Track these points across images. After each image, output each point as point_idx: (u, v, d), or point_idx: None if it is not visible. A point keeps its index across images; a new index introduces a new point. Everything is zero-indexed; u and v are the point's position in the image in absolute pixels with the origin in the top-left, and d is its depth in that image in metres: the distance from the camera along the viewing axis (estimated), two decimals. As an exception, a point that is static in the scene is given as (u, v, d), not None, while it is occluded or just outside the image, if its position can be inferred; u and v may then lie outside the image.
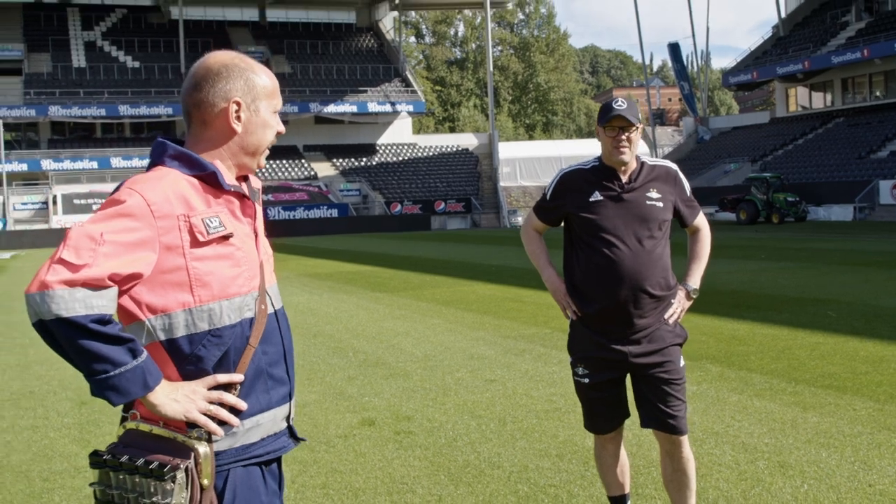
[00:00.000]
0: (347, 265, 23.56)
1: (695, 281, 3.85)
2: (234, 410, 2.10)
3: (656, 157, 62.64)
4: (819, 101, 57.62)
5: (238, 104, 2.18)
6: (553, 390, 7.20)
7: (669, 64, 76.08)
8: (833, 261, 18.93)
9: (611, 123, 3.65)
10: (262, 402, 2.15)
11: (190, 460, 1.99)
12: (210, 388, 2.07)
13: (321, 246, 35.37)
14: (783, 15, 60.97)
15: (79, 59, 67.49)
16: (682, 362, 3.77)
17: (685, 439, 3.76)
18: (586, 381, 3.77)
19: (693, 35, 69.20)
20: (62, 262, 1.93)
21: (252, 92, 2.20)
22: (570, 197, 3.76)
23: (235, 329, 2.10)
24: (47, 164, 59.44)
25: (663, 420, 3.70)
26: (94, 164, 60.46)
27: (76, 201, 56.63)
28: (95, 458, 2.07)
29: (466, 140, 72.09)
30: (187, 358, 2.08)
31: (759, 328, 10.04)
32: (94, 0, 71.20)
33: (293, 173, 62.82)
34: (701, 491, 4.65)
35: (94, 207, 55.97)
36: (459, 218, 56.86)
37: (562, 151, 69.54)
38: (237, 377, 2.09)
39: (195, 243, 2.06)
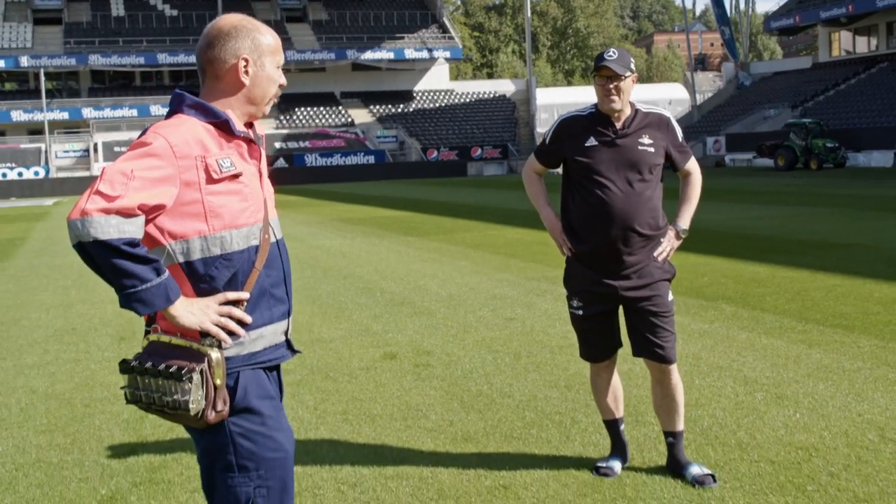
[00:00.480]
0: (382, 210, 23.90)
1: (684, 221, 4.08)
2: (242, 324, 2.42)
3: (696, 103, 62.08)
4: (863, 45, 56.46)
5: (246, 60, 2.48)
6: (569, 328, 7.34)
7: (711, 9, 74.76)
8: (866, 206, 18.89)
9: (600, 73, 3.86)
10: (265, 317, 2.48)
11: (204, 364, 2.33)
12: (221, 304, 2.40)
13: (357, 192, 35.75)
14: (828, -44, 59.53)
15: (118, 7, 67.84)
16: (671, 296, 4.02)
17: (673, 367, 4.03)
18: (580, 312, 4.05)
19: (736, -23, 67.66)
20: (99, 193, 2.25)
21: (258, 49, 2.50)
22: (567, 142, 3.99)
23: (243, 254, 2.43)
24: (88, 113, 60.23)
25: (652, 350, 3.97)
26: (134, 112, 61.14)
27: (116, 149, 57.39)
28: (124, 366, 2.45)
29: (504, 86, 71.75)
30: (202, 278, 2.40)
31: (779, 271, 10.20)
32: (134, -52, 71.29)
33: (330, 120, 63.09)
34: (697, 419, 4.93)
35: (135, 155, 56.80)
36: (496, 164, 56.91)
37: (600, 98, 68.91)
38: (244, 295, 2.42)
39: (210, 180, 2.37)
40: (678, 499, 3.86)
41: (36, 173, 55.01)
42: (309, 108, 64.80)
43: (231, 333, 2.40)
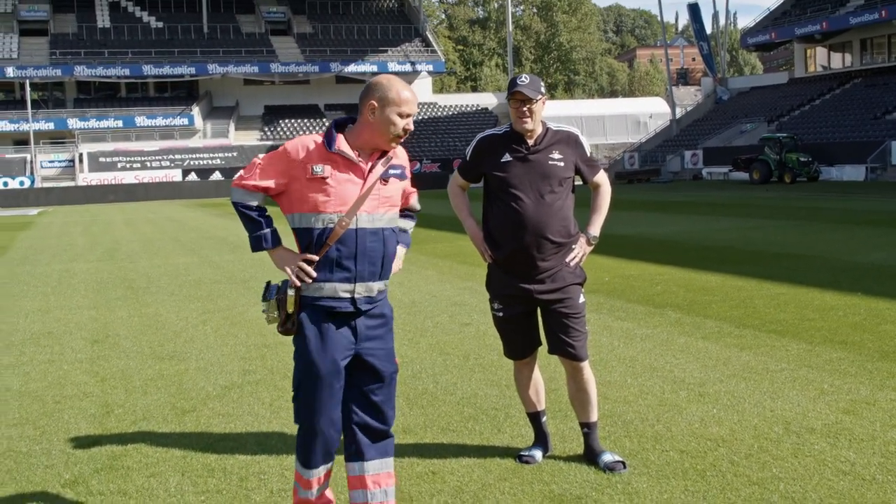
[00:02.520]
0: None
1: (595, 229, 4.50)
2: (311, 276, 3.51)
3: (675, 116, 62.80)
4: (837, 61, 57.40)
5: (373, 105, 3.50)
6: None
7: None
8: (830, 219, 19.39)
9: (514, 97, 4.28)
10: (326, 276, 3.51)
11: (281, 295, 3.52)
12: (301, 260, 3.51)
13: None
14: (805, -26, 60.48)
15: (103, 19, 68.11)
16: (582, 299, 4.43)
17: (585, 364, 4.44)
18: (501, 314, 4.47)
19: (715, -6, 68.54)
20: (240, 174, 3.60)
21: (384, 99, 3.49)
22: (485, 158, 4.42)
23: (320, 231, 3.48)
24: (73, 123, 60.44)
25: (564, 348, 4.39)
26: (119, 123, 61.40)
27: (101, 159, 57.61)
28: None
29: (486, 99, 72.39)
30: (299, 239, 3.57)
31: (729, 280, 10.65)
32: (119, -40, 71.63)
33: (315, 131, 63.19)
34: (621, 413, 5.34)
35: (119, 165, 57.05)
36: (477, 177, 57.28)
37: (583, 111, 69.63)
38: (312, 257, 3.49)
39: (307, 178, 3.46)
40: (589, 483, 4.26)
41: (21, 183, 55.14)
42: (293, 120, 65.22)
43: (301, 279, 3.50)
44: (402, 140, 3.59)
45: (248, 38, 68.46)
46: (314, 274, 3.47)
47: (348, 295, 3.50)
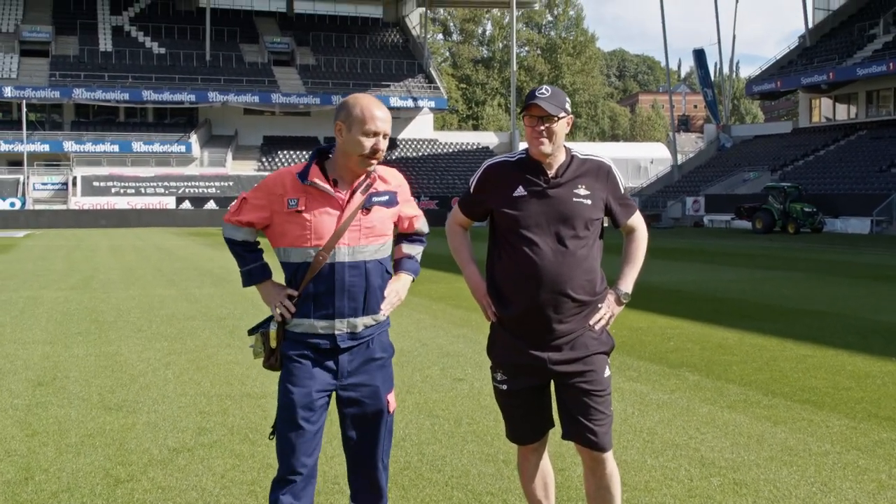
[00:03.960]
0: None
1: (626, 285, 3.60)
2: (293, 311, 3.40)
3: (677, 161, 62.21)
4: (843, 112, 56.94)
5: (340, 126, 3.35)
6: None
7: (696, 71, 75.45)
8: (840, 272, 18.57)
9: (529, 112, 3.41)
10: (304, 311, 3.36)
11: (264, 329, 3.43)
12: (286, 295, 3.38)
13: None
14: (810, 26, 60.23)
15: (106, 43, 67.76)
16: (608, 372, 3.52)
17: (608, 455, 3.50)
18: (504, 387, 3.54)
19: (719, 42, 68.40)
20: (230, 208, 3.47)
21: (349, 119, 3.32)
22: (493, 191, 3.52)
23: (298, 265, 3.35)
24: (69, 146, 59.71)
25: (583, 434, 3.46)
26: (116, 148, 60.66)
27: (95, 183, 56.84)
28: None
29: (487, 138, 71.89)
30: (284, 272, 3.42)
31: (748, 337, 9.75)
32: (124, -15, 71.54)
33: (311, 165, 62.71)
34: (644, 506, 4.41)
35: (113, 190, 56.27)
36: (475, 216, 56.55)
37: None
38: (293, 292, 3.37)
39: (284, 211, 3.33)
40: None
41: (12, 204, 54.23)
42: (292, 152, 64.56)
43: (283, 315, 3.39)
44: (373, 162, 3.34)
45: (251, 67, 68.02)
46: (293, 309, 3.37)
47: (327, 332, 3.35)
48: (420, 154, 66.99)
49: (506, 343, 3.50)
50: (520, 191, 3.43)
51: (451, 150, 68.48)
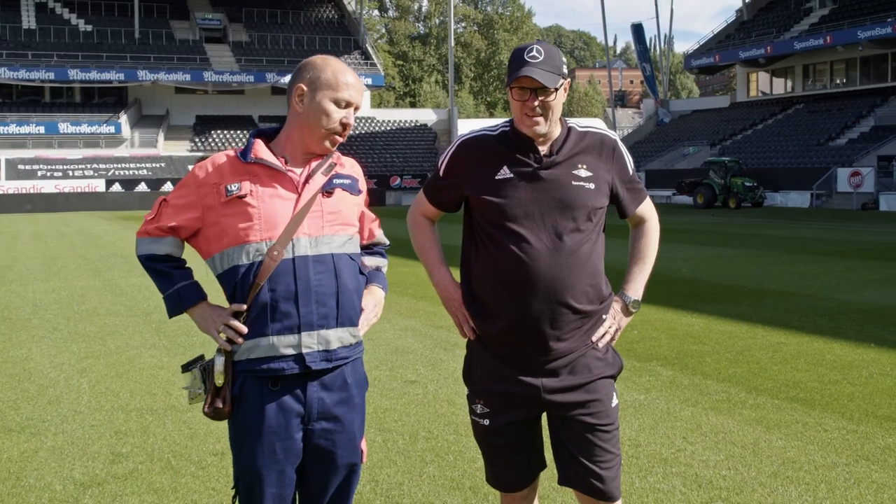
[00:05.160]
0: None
1: (635, 290, 2.88)
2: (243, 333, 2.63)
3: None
4: (780, 86, 57.25)
5: (302, 90, 2.69)
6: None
7: (632, 46, 75.40)
8: (790, 248, 18.27)
9: (520, 83, 2.66)
10: (259, 328, 2.60)
11: (204, 362, 2.66)
12: (230, 314, 2.62)
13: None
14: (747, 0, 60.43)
15: (29, 20, 65.11)
16: (615, 401, 2.81)
17: (617, 505, 2.80)
18: (486, 422, 2.80)
19: (657, 17, 68.38)
20: (144, 220, 2.77)
21: (315, 82, 2.68)
22: (469, 172, 2.77)
23: (244, 269, 2.61)
24: (-9, 128, 57.26)
25: (586, 479, 2.74)
26: (42, 129, 58.38)
27: (21, 167, 54.61)
28: None
29: (425, 115, 70.96)
30: (225, 288, 2.68)
31: (715, 323, 9.18)
32: (47, -39, 68.89)
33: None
34: (641, 544, 3.72)
35: (40, 173, 54.18)
36: (414, 193, 55.59)
37: (522, 130, 68.60)
38: (241, 307, 2.61)
39: (223, 203, 2.63)
40: None
41: (-72, 190, 51.85)
42: (225, 131, 62.88)
43: (231, 341, 2.63)
44: (340, 139, 2.70)
45: (182, 44, 65.96)
46: (244, 329, 2.62)
47: (293, 351, 2.61)
48: (357, 132, 65.76)
49: (487, 367, 2.76)
50: (504, 172, 2.69)
51: (389, 128, 67.38)
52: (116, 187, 54.22)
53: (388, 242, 3.03)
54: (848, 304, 10.45)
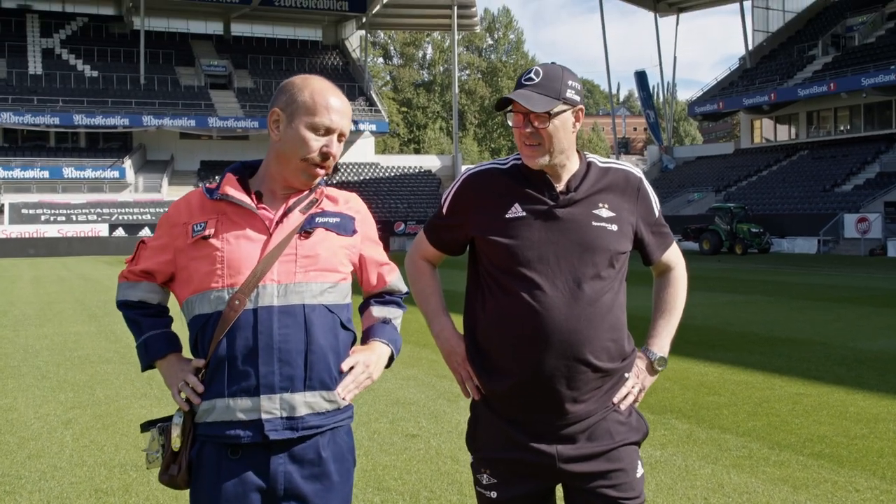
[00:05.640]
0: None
1: (661, 346, 2.58)
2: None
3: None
4: (784, 133, 57.26)
5: (277, 115, 2.40)
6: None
7: (636, 94, 75.74)
8: (800, 295, 17.92)
9: (515, 108, 2.38)
10: (218, 389, 2.30)
11: (164, 423, 2.36)
12: (189, 370, 2.35)
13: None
14: (750, 47, 60.66)
15: (35, 65, 65.64)
16: (640, 470, 2.48)
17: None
18: (493, 494, 2.46)
19: (660, 65, 68.65)
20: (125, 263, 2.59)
21: (292, 105, 2.37)
22: (475, 210, 2.48)
23: (207, 319, 2.32)
24: (-3, 172, 57.36)
25: (610, 562, 2.40)
26: (46, 174, 58.46)
27: (24, 211, 54.57)
28: None
29: (429, 162, 71.10)
30: (191, 338, 2.39)
31: (730, 373, 8.81)
32: (55, 7, 69.60)
33: (250, 190, 61.22)
34: None
35: (43, 217, 54.12)
36: (419, 240, 55.65)
37: (526, 176, 68.61)
38: (200, 362, 2.34)
39: (190, 244, 2.36)
40: None
41: (-65, 233, 51.74)
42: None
43: (189, 400, 2.34)
44: (320, 173, 2.38)
45: (187, 90, 66.33)
46: (200, 388, 2.32)
47: (249, 416, 2.27)
48: (362, 178, 65.82)
49: (495, 431, 2.44)
50: (515, 210, 2.39)
51: (393, 174, 67.46)
52: (120, 232, 54.12)
53: (405, 290, 2.66)
54: (865, 352, 10.10)
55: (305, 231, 2.36)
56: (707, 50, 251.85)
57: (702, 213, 45.98)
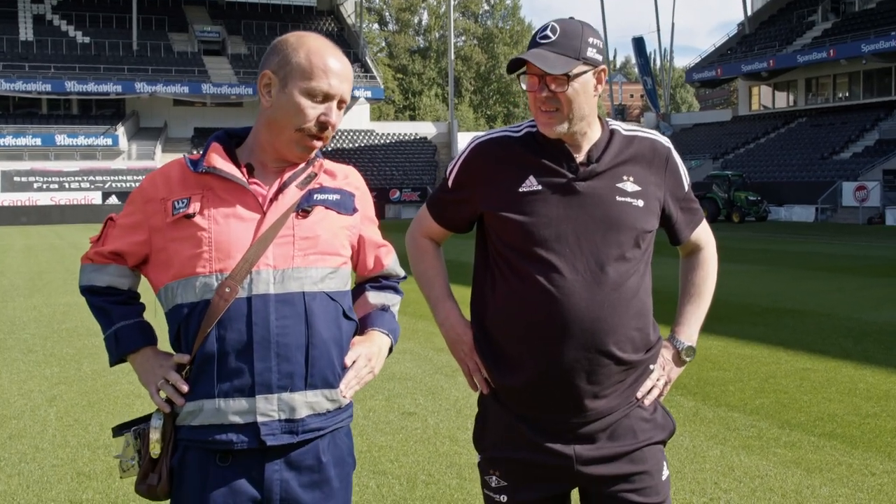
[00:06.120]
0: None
1: (689, 335, 2.35)
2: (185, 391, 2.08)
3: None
4: (782, 100, 56.82)
5: (268, 78, 2.12)
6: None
7: (632, 60, 75.15)
8: (800, 264, 17.72)
9: (529, 69, 2.11)
10: (206, 388, 2.04)
11: (140, 426, 2.08)
12: (169, 366, 2.09)
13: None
14: (749, 13, 60.03)
15: (26, 32, 64.81)
16: (666, 472, 2.26)
17: None
18: (503, 498, 2.23)
19: (658, 31, 67.99)
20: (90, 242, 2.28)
21: (285, 67, 2.09)
22: (484, 183, 2.22)
23: (192, 308, 2.05)
24: (-13, 140, 56.85)
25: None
26: (38, 141, 57.92)
27: (17, 178, 54.14)
28: None
29: (425, 129, 70.58)
30: (170, 331, 2.11)
31: (734, 346, 8.60)
32: (46, -27, 68.68)
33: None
34: None
35: (35, 185, 53.71)
36: (414, 207, 55.26)
37: (522, 144, 68.24)
38: (183, 358, 2.07)
39: (170, 224, 2.08)
40: None
41: (-78, 202, 51.32)
42: (223, 144, 62.51)
43: (172, 400, 2.08)
44: (317, 145, 2.09)
45: (180, 56, 65.62)
46: (184, 387, 2.04)
47: (243, 419, 2.02)
48: (356, 145, 65.33)
49: (505, 429, 2.20)
50: (530, 183, 2.13)
51: (388, 141, 66.98)
52: (113, 199, 53.74)
53: (402, 274, 2.42)
54: (870, 324, 9.89)
55: (303, 209, 2.10)
56: (705, 16, 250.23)
57: (699, 181, 45.66)
